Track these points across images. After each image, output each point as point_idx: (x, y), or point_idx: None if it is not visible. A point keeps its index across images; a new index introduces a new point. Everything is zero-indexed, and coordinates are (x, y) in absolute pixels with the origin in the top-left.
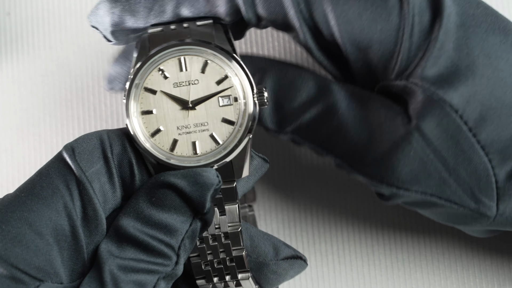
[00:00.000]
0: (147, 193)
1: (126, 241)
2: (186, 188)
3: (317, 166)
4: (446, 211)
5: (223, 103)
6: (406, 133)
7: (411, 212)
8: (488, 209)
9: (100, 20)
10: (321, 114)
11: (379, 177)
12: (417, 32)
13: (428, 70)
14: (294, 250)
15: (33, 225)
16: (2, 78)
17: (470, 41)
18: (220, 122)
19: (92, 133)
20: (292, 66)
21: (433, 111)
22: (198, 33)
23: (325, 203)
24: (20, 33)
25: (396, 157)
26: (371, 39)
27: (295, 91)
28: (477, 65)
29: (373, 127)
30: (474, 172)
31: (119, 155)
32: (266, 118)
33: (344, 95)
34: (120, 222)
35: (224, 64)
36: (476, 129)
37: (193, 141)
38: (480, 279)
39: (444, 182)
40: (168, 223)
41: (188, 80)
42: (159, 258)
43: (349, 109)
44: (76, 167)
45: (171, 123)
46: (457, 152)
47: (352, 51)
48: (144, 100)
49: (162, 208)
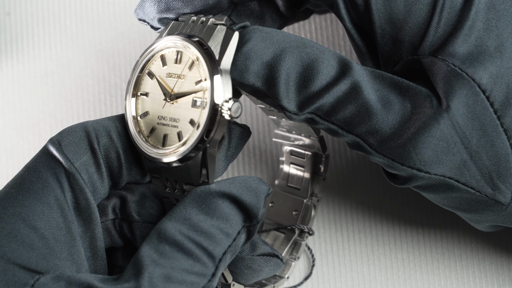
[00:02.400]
0: (196, 201)
1: (168, 245)
2: (241, 194)
3: None
4: (460, 196)
5: (194, 104)
6: (435, 114)
7: (411, 212)
8: (503, 196)
9: (147, 11)
10: (345, 94)
11: (400, 159)
12: (447, 8)
13: (458, 48)
14: (272, 248)
15: (26, 219)
16: (2, 78)
17: (500, 23)
18: (187, 123)
19: (76, 125)
20: (313, 45)
21: (462, 90)
22: (203, 31)
23: (325, 203)
24: (20, 33)
25: (421, 138)
26: (406, 12)
27: (317, 71)
28: (506, 47)
29: (399, 107)
30: (495, 156)
31: (106, 145)
32: (285, 99)
33: (368, 75)
34: (164, 226)
35: (206, 67)
36: (501, 111)
37: (164, 134)
38: (480, 279)
39: (465, 165)
40: (214, 232)
41: (178, 74)
42: (198, 266)
43: (373, 89)
44: (64, 159)
45: (155, 111)
46: (480, 134)
47: (383, 23)
48: (144, 82)
49: (211, 216)
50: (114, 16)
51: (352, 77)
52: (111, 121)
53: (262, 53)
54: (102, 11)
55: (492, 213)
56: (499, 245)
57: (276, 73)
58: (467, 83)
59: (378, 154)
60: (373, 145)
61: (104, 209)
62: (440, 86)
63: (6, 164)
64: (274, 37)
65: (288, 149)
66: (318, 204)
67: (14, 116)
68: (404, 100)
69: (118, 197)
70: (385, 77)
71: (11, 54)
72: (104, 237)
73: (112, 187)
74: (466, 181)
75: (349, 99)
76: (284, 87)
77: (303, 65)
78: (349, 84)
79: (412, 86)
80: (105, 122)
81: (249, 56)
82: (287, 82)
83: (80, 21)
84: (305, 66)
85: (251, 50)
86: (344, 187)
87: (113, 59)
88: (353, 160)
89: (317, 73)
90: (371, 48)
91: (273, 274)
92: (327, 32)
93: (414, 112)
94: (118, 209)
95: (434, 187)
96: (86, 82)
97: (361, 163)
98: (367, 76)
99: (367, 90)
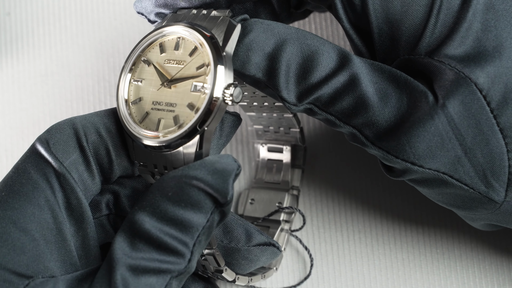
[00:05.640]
0: (163, 187)
1: (139, 238)
2: (206, 178)
3: (317, 166)
4: (454, 192)
5: (194, 89)
6: (430, 109)
7: (411, 212)
8: (497, 194)
9: (145, 5)
10: (343, 85)
11: (395, 151)
12: (445, 9)
13: (455, 49)
14: (268, 237)
15: (17, 222)
16: (2, 78)
17: (499, 23)
18: (185, 107)
19: (64, 121)
20: (313, 37)
21: (459, 89)
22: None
23: (325, 203)
24: (20, 33)
25: (415, 133)
26: (402, 11)
27: (317, 63)
28: (505, 47)
29: (396, 100)
30: (489, 154)
31: (94, 142)
32: (284, 91)
33: (367, 68)
34: (135, 217)
35: (210, 52)
36: (498, 110)
37: (159, 118)
38: (480, 279)
39: (459, 161)
40: (184, 219)
41: (177, 60)
42: (171, 256)
43: (371, 82)
44: (53, 159)
45: (149, 96)
46: (476, 132)
47: (381, 23)
48: (139, 70)
49: (179, 203)
50: (114, 16)
51: (351, 69)
52: (99, 116)
53: (264, 44)
54: (102, 11)
55: (486, 211)
56: (499, 245)
57: (276, 64)
58: (464, 82)
59: (373, 146)
60: (369, 137)
61: (97, 205)
62: (436, 85)
63: (6, 164)
64: (275, 28)
65: (265, 146)
66: (300, 196)
67: (14, 116)
68: (401, 94)
69: (111, 192)
70: (384, 70)
71: (11, 54)
72: (99, 233)
73: (104, 182)
74: (460, 177)
75: (347, 91)
76: (284, 79)
77: (303, 57)
78: (348, 76)
79: (410, 80)
80: (93, 118)
81: (251, 47)
82: (287, 73)
83: (80, 21)
84: (305, 58)
85: (253, 41)
86: (344, 187)
87: (113, 59)
88: (353, 160)
89: (317, 65)
90: (370, 47)
91: (270, 262)
92: (327, 32)
93: (410, 107)
94: (111, 204)
95: (429, 182)
96: (86, 82)
97: (361, 163)
98: (366, 68)
99: (365, 82)
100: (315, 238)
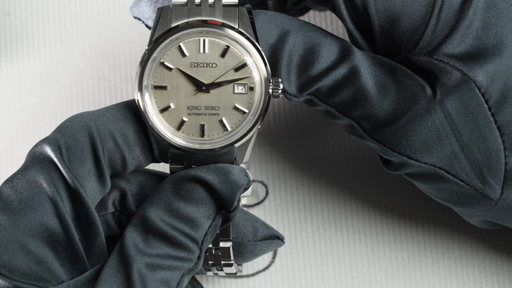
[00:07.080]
0: (175, 186)
1: (152, 234)
2: (217, 185)
3: (317, 166)
4: (450, 188)
5: (238, 90)
6: (428, 104)
7: (411, 212)
8: (493, 191)
9: (142, 10)
10: (343, 78)
11: (392, 144)
12: (446, 8)
13: (455, 48)
14: (272, 229)
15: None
16: (2, 78)
17: (500, 21)
18: (232, 109)
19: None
20: (315, 29)
21: (458, 87)
22: (222, 15)
23: (325, 203)
24: (20, 33)
25: (412, 126)
26: (403, 11)
27: (319, 55)
28: (505, 45)
29: (394, 94)
30: (486, 151)
31: (110, 151)
32: (286, 82)
33: (367, 61)
34: (147, 213)
35: (244, 51)
36: (496, 108)
37: (201, 124)
38: (480, 279)
39: (455, 157)
40: (194, 216)
41: (206, 62)
42: (183, 252)
43: (371, 75)
44: (66, 171)
45: (182, 102)
46: (473, 129)
47: (382, 22)
48: (159, 75)
49: (190, 201)
50: (114, 16)
51: (351, 61)
52: (115, 121)
53: (267, 35)
54: (102, 11)
55: (482, 208)
56: (499, 245)
57: (278, 56)
58: (463, 79)
59: (371, 139)
60: (367, 129)
61: (104, 203)
62: (435, 82)
63: (6, 164)
64: (278, 19)
65: None
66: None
67: (14, 116)
68: (400, 88)
69: (118, 190)
70: (385, 63)
71: (11, 54)
72: (103, 229)
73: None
74: (456, 172)
75: (347, 83)
76: (286, 70)
77: (305, 48)
78: (348, 68)
79: (409, 73)
80: (109, 123)
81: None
82: (289, 64)
83: (80, 21)
84: (307, 50)
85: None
86: (344, 187)
87: (113, 59)
88: (353, 160)
89: (318, 57)
90: (372, 47)
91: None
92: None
93: (408, 100)
94: (117, 202)
95: (425, 177)
96: (86, 82)
97: (361, 163)
98: (367, 61)
99: (365, 75)
100: (315, 238)
